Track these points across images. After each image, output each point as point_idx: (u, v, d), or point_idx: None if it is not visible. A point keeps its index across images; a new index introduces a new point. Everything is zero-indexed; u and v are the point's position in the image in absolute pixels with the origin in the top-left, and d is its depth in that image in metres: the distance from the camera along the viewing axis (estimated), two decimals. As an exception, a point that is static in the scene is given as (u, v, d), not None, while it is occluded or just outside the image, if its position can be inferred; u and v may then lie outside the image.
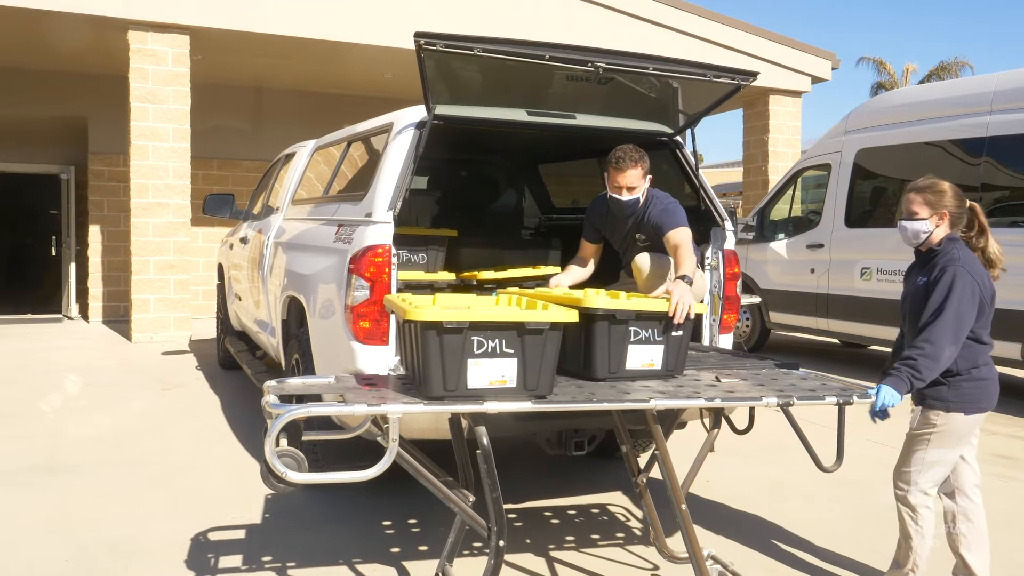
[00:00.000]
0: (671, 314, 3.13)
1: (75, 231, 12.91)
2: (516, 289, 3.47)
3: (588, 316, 2.98)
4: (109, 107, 11.72)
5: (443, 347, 2.62)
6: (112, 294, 12.30)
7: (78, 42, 10.34)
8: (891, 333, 7.89)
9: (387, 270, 3.79)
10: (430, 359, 2.63)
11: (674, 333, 3.13)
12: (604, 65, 3.85)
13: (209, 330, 10.60)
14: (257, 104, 13.01)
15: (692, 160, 4.56)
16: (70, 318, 12.74)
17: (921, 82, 30.38)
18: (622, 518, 4.37)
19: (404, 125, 4.07)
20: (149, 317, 9.88)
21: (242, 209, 7.60)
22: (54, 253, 14.26)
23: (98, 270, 12.28)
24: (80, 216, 12.76)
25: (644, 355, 3.10)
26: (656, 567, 3.72)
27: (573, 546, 3.96)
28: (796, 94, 12.99)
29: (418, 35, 3.50)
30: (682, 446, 4.30)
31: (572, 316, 2.72)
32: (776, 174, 12.67)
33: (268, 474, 2.54)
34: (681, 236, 4.00)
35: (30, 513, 4.25)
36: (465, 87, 4.05)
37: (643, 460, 4.20)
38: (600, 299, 3.01)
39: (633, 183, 4.01)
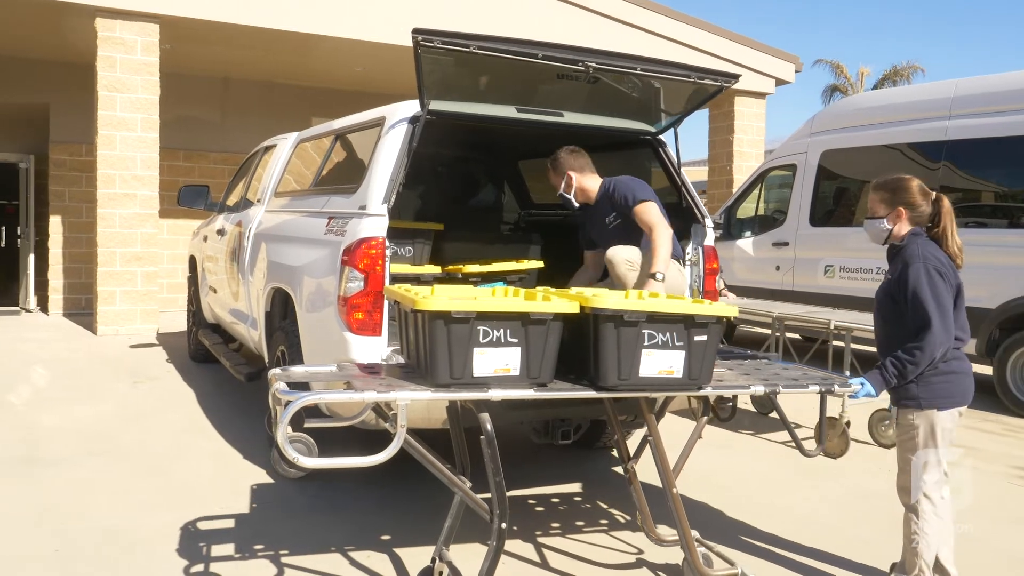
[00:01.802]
0: None
1: (34, 222, 12.64)
2: (544, 288, 3.43)
3: (594, 317, 2.82)
4: (72, 95, 11.51)
5: (450, 336, 2.70)
6: (73, 286, 12.08)
7: (42, 28, 10.15)
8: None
9: (381, 262, 3.86)
10: (437, 348, 2.71)
11: (697, 338, 2.86)
12: (594, 65, 3.95)
13: (175, 323, 10.51)
14: (224, 95, 12.89)
15: (675, 158, 4.70)
16: (28, 311, 12.48)
17: (876, 85, 31.09)
18: (604, 506, 4.48)
19: (397, 120, 4.13)
20: (115, 310, 9.74)
21: (216, 201, 7.56)
22: (3, 244, 13.93)
23: (59, 262, 12.05)
24: (40, 207, 12.51)
25: (661, 362, 2.85)
26: (640, 551, 3.85)
27: (559, 532, 4.06)
28: (760, 96, 13.26)
29: (416, 32, 3.57)
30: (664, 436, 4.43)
31: (574, 307, 2.82)
32: (741, 173, 12.93)
33: (280, 459, 2.61)
34: (651, 212, 4.22)
35: (14, 505, 4.22)
36: (458, 83, 4.13)
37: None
38: (608, 298, 2.87)
39: (554, 182, 4.57)
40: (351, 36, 10.43)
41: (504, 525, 2.86)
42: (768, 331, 6.52)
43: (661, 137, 4.78)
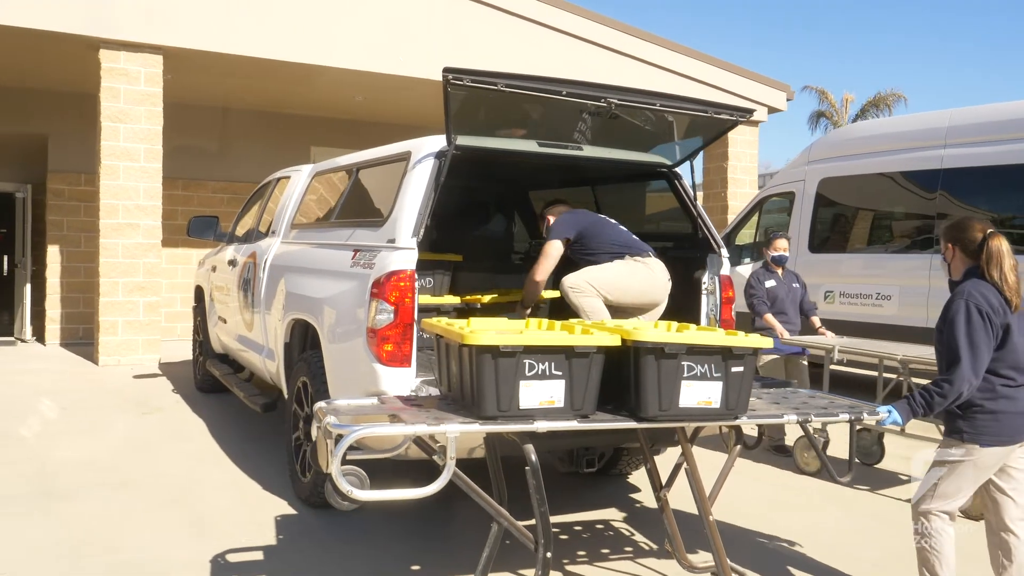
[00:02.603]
0: None
1: (31, 251, 12.62)
2: (579, 320, 3.54)
3: (635, 350, 2.90)
4: (71, 125, 11.58)
5: (498, 369, 2.77)
6: (71, 316, 12.04)
7: (42, 58, 10.20)
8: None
9: (410, 295, 3.92)
10: (485, 381, 2.77)
11: (734, 369, 2.93)
12: (616, 101, 4.06)
13: (175, 352, 10.50)
14: (224, 124, 12.95)
15: (690, 190, 4.80)
16: (23, 341, 12.41)
17: (859, 111, 31.61)
18: (627, 533, 4.53)
19: (424, 154, 4.21)
20: (117, 339, 9.72)
21: (224, 231, 7.62)
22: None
23: (56, 291, 12.01)
24: (36, 236, 12.50)
25: (700, 393, 2.91)
26: (668, 579, 3.90)
27: (586, 560, 4.10)
28: (754, 123, 13.47)
29: (447, 70, 3.66)
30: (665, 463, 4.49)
31: (615, 340, 2.89)
32: (735, 200, 13.10)
33: (334, 491, 2.65)
34: (542, 252, 4.80)
35: (37, 539, 4.22)
36: (484, 119, 4.23)
37: (638, 475, 4.35)
38: (648, 331, 2.96)
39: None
40: (352, 67, 10.54)
41: (549, 554, 2.91)
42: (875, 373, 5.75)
43: (677, 170, 4.89)
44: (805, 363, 6.35)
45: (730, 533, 4.48)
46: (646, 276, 4.62)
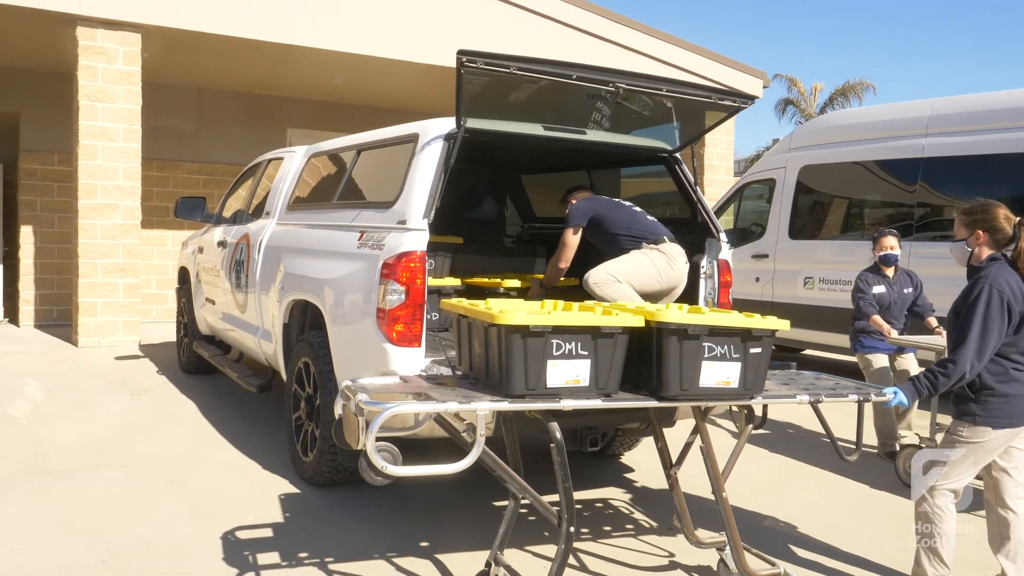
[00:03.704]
0: None
1: (2, 232, 12.38)
2: (593, 302, 3.61)
3: (659, 330, 2.96)
4: (44, 103, 11.34)
5: (527, 349, 2.82)
6: (45, 297, 11.84)
7: (16, 35, 9.97)
8: (831, 338, 8.49)
9: (421, 276, 3.96)
10: (514, 360, 2.83)
11: (752, 350, 3.00)
12: (624, 86, 4.12)
13: (155, 334, 10.40)
14: (200, 105, 12.77)
15: (690, 175, 4.88)
16: (-4, 322, 12.21)
17: (828, 100, 32.03)
18: (626, 511, 4.63)
19: (432, 136, 4.23)
20: (96, 321, 9.60)
21: (211, 213, 7.56)
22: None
23: (30, 272, 11.79)
24: (8, 217, 12.26)
25: (720, 373, 2.99)
26: (672, 554, 4.01)
27: (590, 537, 4.20)
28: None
29: (460, 52, 3.69)
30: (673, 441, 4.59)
31: (639, 321, 2.96)
32: (712, 187, 13.24)
33: (367, 467, 2.69)
34: (561, 240, 4.93)
35: (44, 518, 4.21)
36: (492, 102, 4.26)
37: (630, 455, 4.42)
38: (671, 313, 3.02)
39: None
40: (333, 48, 10.45)
41: (572, 529, 2.99)
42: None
43: (677, 155, 4.96)
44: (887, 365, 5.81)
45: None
46: (663, 263, 4.66)
